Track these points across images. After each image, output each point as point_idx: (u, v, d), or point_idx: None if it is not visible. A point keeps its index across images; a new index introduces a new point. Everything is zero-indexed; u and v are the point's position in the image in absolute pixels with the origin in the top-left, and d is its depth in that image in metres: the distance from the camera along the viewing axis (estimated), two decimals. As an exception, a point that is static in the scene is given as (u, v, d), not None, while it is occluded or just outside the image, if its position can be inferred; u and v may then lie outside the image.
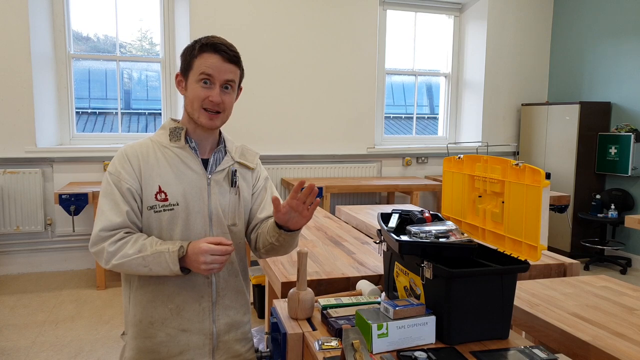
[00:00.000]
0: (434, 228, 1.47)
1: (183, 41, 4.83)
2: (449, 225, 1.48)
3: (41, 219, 4.43)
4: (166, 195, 1.36)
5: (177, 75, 1.42)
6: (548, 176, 5.48)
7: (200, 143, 1.42)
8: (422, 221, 1.57)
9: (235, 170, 1.45)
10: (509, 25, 5.75)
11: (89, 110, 5.04)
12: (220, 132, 1.49)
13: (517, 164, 1.37)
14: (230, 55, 1.34)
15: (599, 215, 4.99)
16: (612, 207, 4.94)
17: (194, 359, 1.40)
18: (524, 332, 1.77)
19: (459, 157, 1.65)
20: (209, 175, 1.41)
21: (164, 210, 1.36)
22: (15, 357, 2.95)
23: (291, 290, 1.48)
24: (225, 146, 1.48)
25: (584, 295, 1.72)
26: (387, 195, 5.49)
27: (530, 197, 1.32)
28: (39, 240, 4.52)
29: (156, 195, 1.35)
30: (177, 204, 1.36)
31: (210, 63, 1.32)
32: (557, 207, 4.44)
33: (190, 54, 1.36)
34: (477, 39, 5.76)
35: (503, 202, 1.44)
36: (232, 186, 1.44)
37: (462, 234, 1.46)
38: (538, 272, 2.13)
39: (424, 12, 5.75)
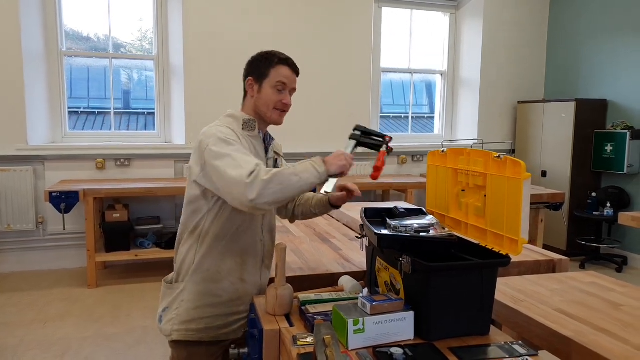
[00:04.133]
0: (415, 222, 1.44)
1: (176, 39, 4.80)
2: (430, 219, 1.45)
3: (32, 217, 4.40)
4: None
5: (249, 80, 1.68)
6: (544, 174, 5.45)
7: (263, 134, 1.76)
8: (404, 215, 1.54)
9: (277, 159, 1.81)
10: (505, 22, 5.72)
11: (88, 110, 5.03)
12: None
13: (498, 156, 1.34)
14: (297, 70, 1.72)
15: (594, 213, 4.96)
16: (608, 205, 4.91)
17: (244, 304, 1.68)
18: (509, 329, 1.74)
19: (443, 151, 1.62)
20: (267, 160, 1.75)
21: None
22: (2, 356, 2.92)
23: (269, 286, 1.46)
24: (271, 137, 1.82)
25: (570, 291, 1.69)
26: (382, 194, 5.46)
27: (511, 189, 1.29)
28: (30, 239, 4.49)
29: None
30: None
31: (286, 74, 1.67)
32: (552, 205, 4.40)
33: (267, 64, 1.66)
34: (473, 36, 5.73)
35: (485, 196, 1.41)
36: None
37: (443, 228, 1.43)
38: (527, 269, 2.10)
39: (420, 9, 5.72)
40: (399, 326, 1.27)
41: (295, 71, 1.71)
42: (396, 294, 1.39)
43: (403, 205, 2.15)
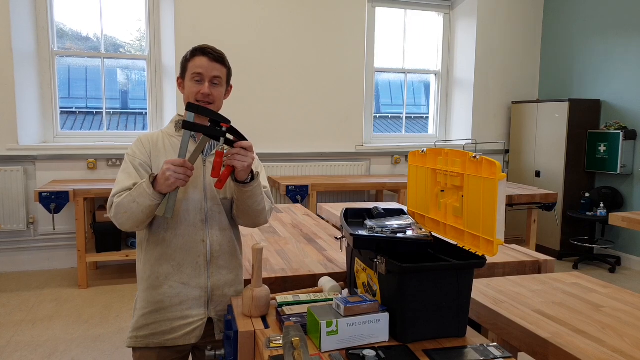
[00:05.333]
0: (392, 222, 1.42)
1: (168, 39, 4.78)
2: (408, 220, 1.44)
3: (23, 217, 4.38)
4: None
5: (177, 79, 1.70)
6: (538, 174, 5.44)
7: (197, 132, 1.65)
8: (383, 215, 1.52)
9: None
10: (499, 22, 5.71)
11: (86, 110, 4.99)
12: None
13: (474, 157, 1.33)
14: (215, 56, 1.63)
15: (588, 213, 4.95)
16: (602, 205, 4.90)
17: (191, 308, 1.63)
18: (490, 331, 1.73)
19: (423, 151, 1.61)
20: (204, 158, 1.67)
21: None
22: (-11, 357, 2.91)
23: (246, 287, 1.44)
24: None
25: (552, 292, 1.67)
26: (376, 194, 5.45)
27: (487, 190, 1.28)
28: (21, 239, 4.47)
29: None
30: None
31: (200, 64, 1.61)
32: (544, 205, 4.39)
33: (185, 60, 1.65)
34: (467, 36, 5.72)
35: (463, 196, 1.40)
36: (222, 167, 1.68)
37: (421, 228, 1.42)
38: (512, 269, 2.09)
39: (414, 9, 5.71)
40: (374, 328, 1.25)
41: (214, 58, 1.61)
42: (373, 295, 1.38)
43: (383, 205, 2.14)
